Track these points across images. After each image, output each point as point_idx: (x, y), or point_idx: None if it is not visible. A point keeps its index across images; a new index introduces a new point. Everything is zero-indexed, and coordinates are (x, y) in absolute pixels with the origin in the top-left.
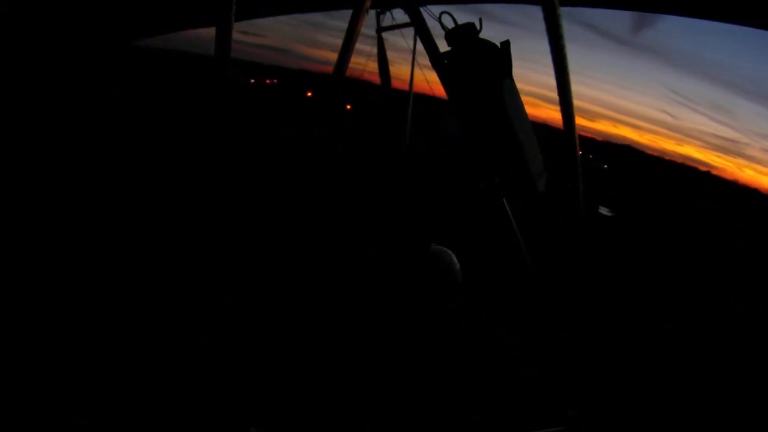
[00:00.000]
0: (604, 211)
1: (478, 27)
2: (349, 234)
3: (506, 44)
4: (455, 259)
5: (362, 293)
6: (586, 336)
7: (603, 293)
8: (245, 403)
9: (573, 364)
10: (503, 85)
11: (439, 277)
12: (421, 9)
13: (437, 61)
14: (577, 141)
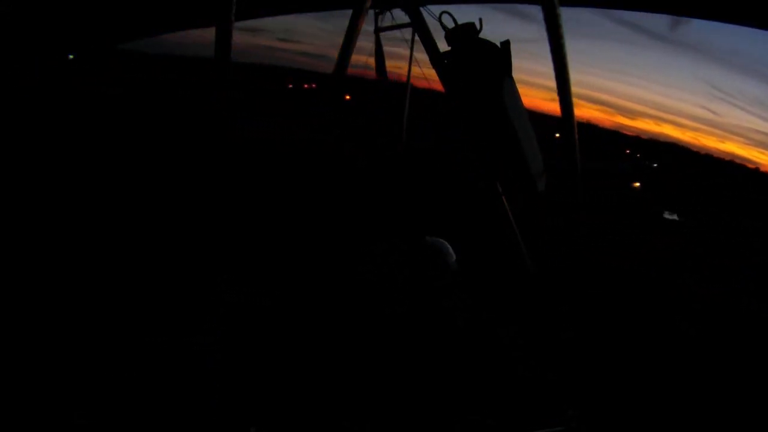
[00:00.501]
0: (670, 215)
1: (478, 27)
2: (353, 233)
3: (506, 44)
4: (450, 249)
5: (367, 293)
6: (587, 336)
7: (608, 292)
8: (245, 403)
9: (573, 364)
10: (503, 84)
11: (435, 268)
12: (422, 9)
13: (437, 61)
14: (577, 141)
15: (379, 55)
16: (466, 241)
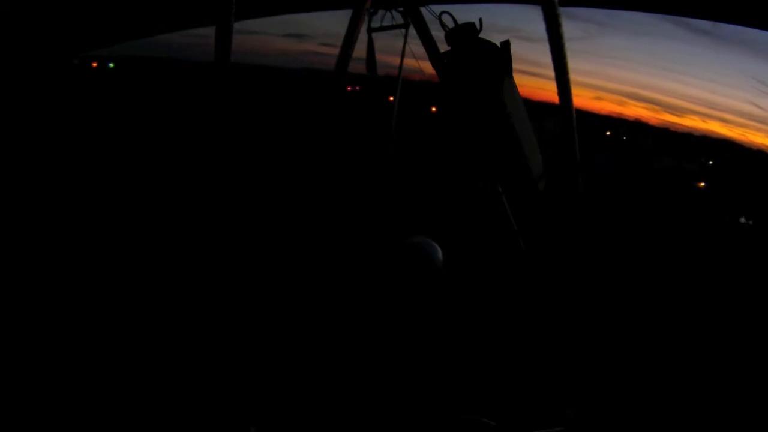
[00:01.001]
0: (745, 221)
1: (478, 27)
2: (346, 235)
3: (506, 44)
4: (438, 249)
5: (364, 294)
6: (586, 335)
7: (611, 291)
8: (245, 403)
9: (572, 364)
10: (503, 84)
11: (420, 269)
12: (422, 9)
13: (437, 61)
14: (577, 141)
15: (371, 59)
16: (463, 241)
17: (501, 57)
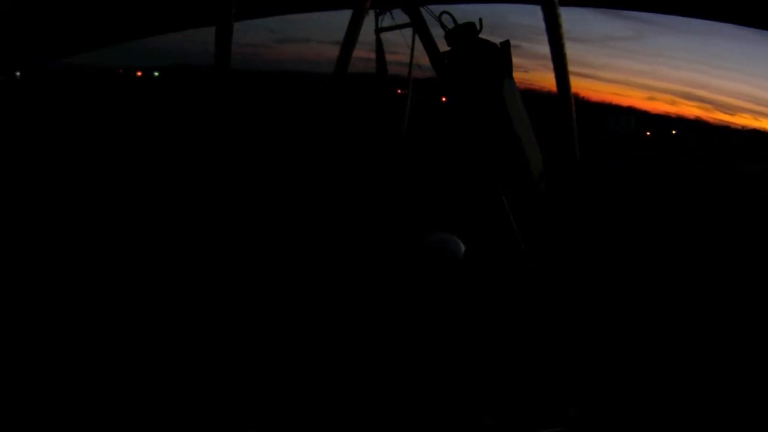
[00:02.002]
0: None
1: (478, 27)
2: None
3: (506, 44)
4: (460, 242)
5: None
6: (589, 333)
7: (614, 288)
8: (245, 403)
9: (575, 362)
10: (503, 84)
11: (443, 263)
12: (422, 9)
13: (437, 61)
14: (577, 141)
15: (380, 55)
16: (471, 240)
17: (501, 57)
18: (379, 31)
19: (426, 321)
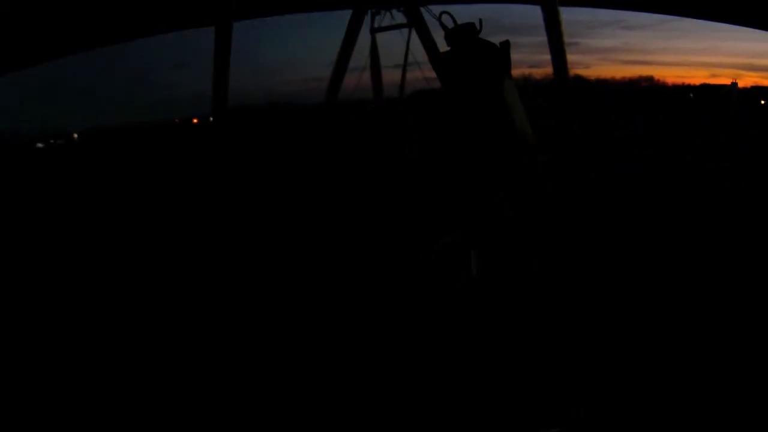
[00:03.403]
0: None
1: (478, 27)
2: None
3: (506, 44)
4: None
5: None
6: (591, 331)
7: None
8: (245, 403)
9: (577, 362)
10: (503, 85)
11: (454, 268)
12: (422, 9)
13: (437, 61)
14: (581, 139)
15: (375, 63)
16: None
17: (501, 57)
18: (374, 31)
19: (430, 322)
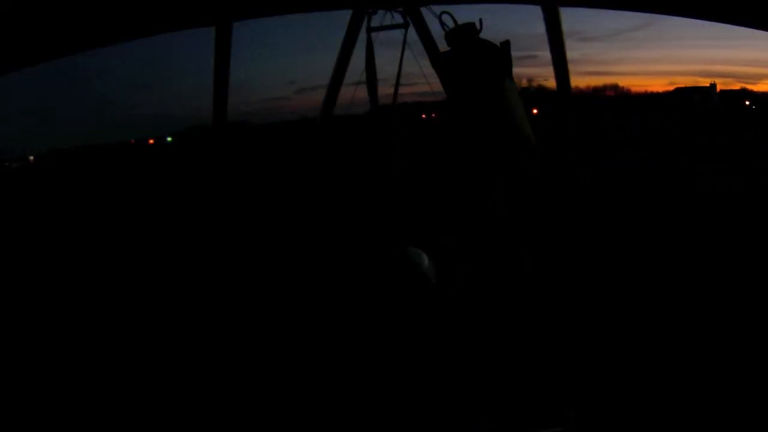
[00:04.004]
0: None
1: (478, 27)
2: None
3: (506, 44)
4: (426, 258)
5: (364, 298)
6: (585, 332)
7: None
8: (246, 403)
9: (571, 363)
10: (504, 85)
11: (411, 279)
12: (422, 9)
13: (437, 61)
14: (575, 140)
15: (371, 64)
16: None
17: (501, 58)
18: (370, 30)
19: (423, 325)
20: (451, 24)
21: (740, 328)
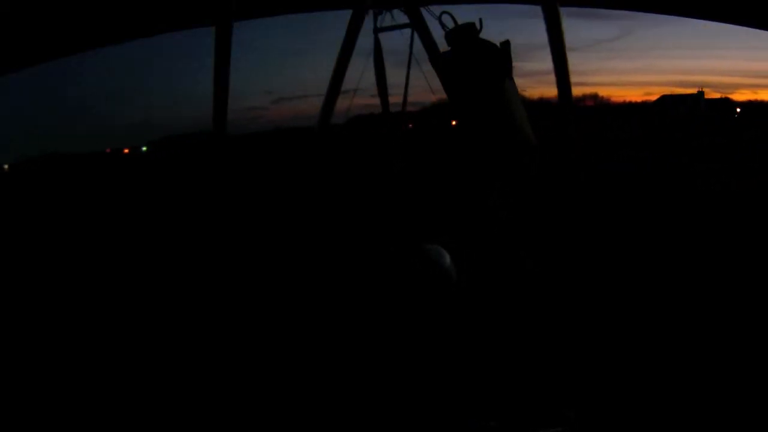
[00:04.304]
0: None
1: (478, 27)
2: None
3: (506, 44)
4: (446, 254)
5: (371, 297)
6: (586, 332)
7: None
8: (245, 403)
9: (571, 363)
10: (504, 85)
11: (431, 275)
12: (422, 9)
13: (437, 61)
14: (574, 140)
15: (379, 65)
16: (464, 243)
17: (501, 57)
18: (377, 31)
19: (424, 325)
20: (451, 24)
21: (738, 326)
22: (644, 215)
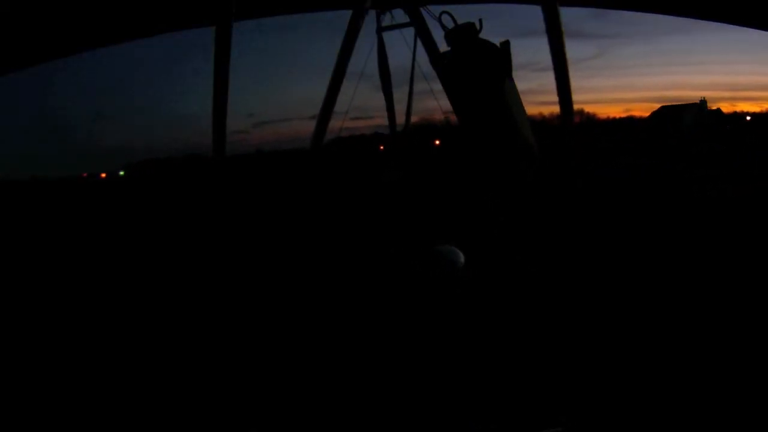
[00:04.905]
0: None
1: (478, 27)
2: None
3: (506, 44)
4: (460, 255)
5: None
6: (583, 335)
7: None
8: (245, 403)
9: (568, 366)
10: (504, 85)
11: (444, 276)
12: (422, 9)
13: (437, 61)
14: (574, 144)
15: (383, 64)
16: (466, 244)
17: (501, 57)
18: (380, 30)
19: (425, 327)
20: (450, 24)
21: (735, 330)
22: (639, 219)
